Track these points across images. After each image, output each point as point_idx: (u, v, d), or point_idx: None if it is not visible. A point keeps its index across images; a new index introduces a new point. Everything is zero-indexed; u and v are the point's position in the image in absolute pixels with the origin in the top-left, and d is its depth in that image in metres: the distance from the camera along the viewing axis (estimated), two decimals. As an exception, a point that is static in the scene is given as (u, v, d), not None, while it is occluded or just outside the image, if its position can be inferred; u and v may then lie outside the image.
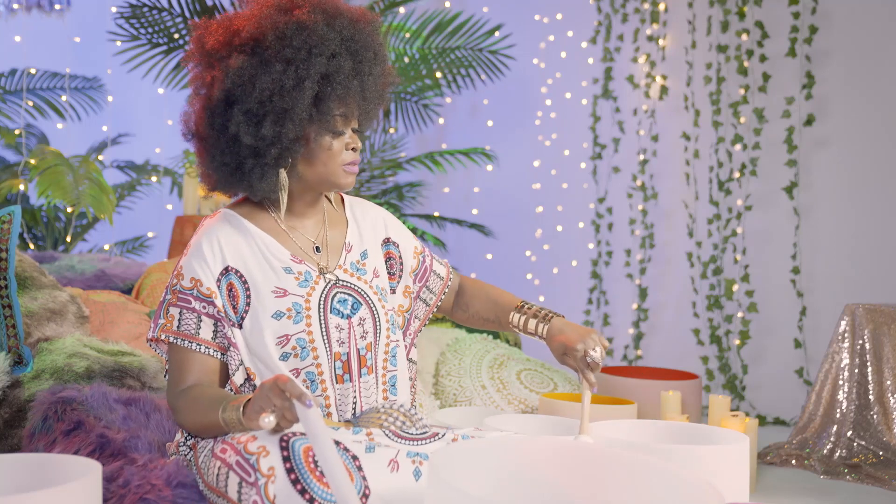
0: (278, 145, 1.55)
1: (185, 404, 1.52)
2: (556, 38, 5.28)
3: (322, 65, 1.53)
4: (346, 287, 1.63)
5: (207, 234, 1.61)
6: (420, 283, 1.80)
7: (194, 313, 1.56)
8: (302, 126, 1.55)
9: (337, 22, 1.57)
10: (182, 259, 1.61)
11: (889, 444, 3.08)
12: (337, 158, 1.60)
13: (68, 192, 3.43)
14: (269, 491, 1.30)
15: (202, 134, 1.60)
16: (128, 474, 1.47)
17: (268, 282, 1.58)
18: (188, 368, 1.56)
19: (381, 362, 1.64)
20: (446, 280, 1.84)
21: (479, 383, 2.94)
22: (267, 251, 1.60)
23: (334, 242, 1.69)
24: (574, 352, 1.66)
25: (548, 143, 5.32)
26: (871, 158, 4.11)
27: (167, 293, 1.59)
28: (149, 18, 4.18)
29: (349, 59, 1.57)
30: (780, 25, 4.28)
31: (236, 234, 1.61)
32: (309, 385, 1.57)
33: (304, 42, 1.53)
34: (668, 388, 2.93)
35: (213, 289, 1.57)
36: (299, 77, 1.52)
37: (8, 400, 2.12)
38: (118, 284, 3.35)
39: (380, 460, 1.41)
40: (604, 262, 5.02)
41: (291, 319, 1.56)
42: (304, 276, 1.60)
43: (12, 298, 2.24)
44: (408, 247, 1.79)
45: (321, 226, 1.69)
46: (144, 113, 6.16)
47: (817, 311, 4.19)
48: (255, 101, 1.52)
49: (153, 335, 1.58)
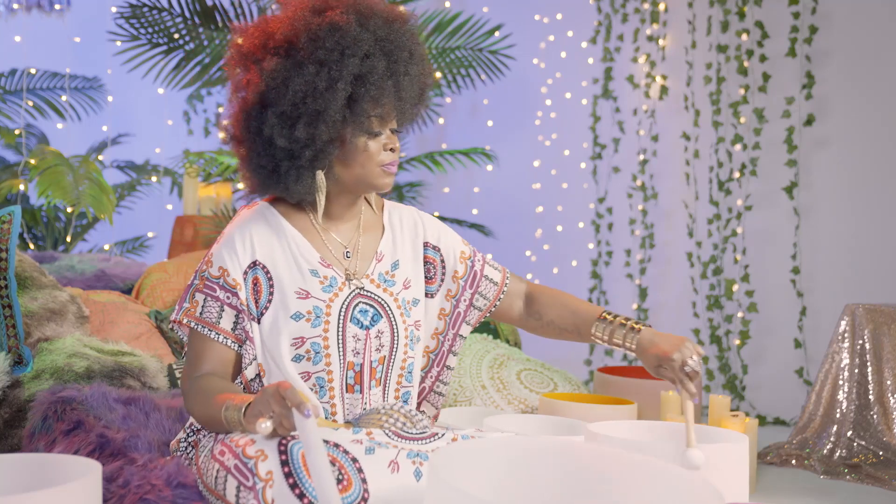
0: (312, 147, 1.54)
1: (194, 392, 1.53)
2: (556, 38, 5.28)
3: (355, 66, 1.53)
4: (370, 298, 1.63)
5: (241, 227, 1.62)
6: (472, 290, 1.77)
7: (218, 302, 1.57)
8: (336, 127, 1.55)
9: (371, 22, 1.56)
10: (214, 246, 1.62)
11: (889, 444, 3.08)
12: (374, 159, 1.59)
13: (68, 192, 3.43)
14: (267, 495, 1.30)
15: (240, 137, 1.60)
16: (127, 474, 1.47)
17: (293, 281, 1.58)
18: (205, 356, 1.57)
19: (396, 377, 1.64)
20: (501, 285, 1.80)
21: (479, 383, 2.94)
22: (297, 251, 1.61)
23: (366, 249, 1.68)
24: (671, 362, 1.61)
25: (548, 143, 5.32)
26: (871, 158, 4.11)
27: (195, 278, 1.60)
28: (149, 18, 4.18)
29: (383, 59, 1.56)
30: (780, 25, 4.28)
31: (269, 230, 1.62)
32: (318, 391, 1.57)
33: (337, 43, 1.52)
34: (668, 388, 2.93)
35: (238, 280, 1.57)
36: (332, 78, 1.52)
37: (8, 400, 2.12)
38: (118, 284, 3.35)
39: (380, 461, 1.41)
40: (604, 262, 5.02)
41: (310, 322, 1.56)
42: (330, 281, 1.60)
43: (12, 298, 2.25)
44: (453, 251, 1.76)
45: (356, 230, 1.68)
46: (144, 113, 6.16)
47: (817, 311, 4.19)
48: (288, 103, 1.52)
49: (176, 317, 1.59)
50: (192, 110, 6.47)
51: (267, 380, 1.58)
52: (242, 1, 4.34)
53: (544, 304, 1.80)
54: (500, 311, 1.83)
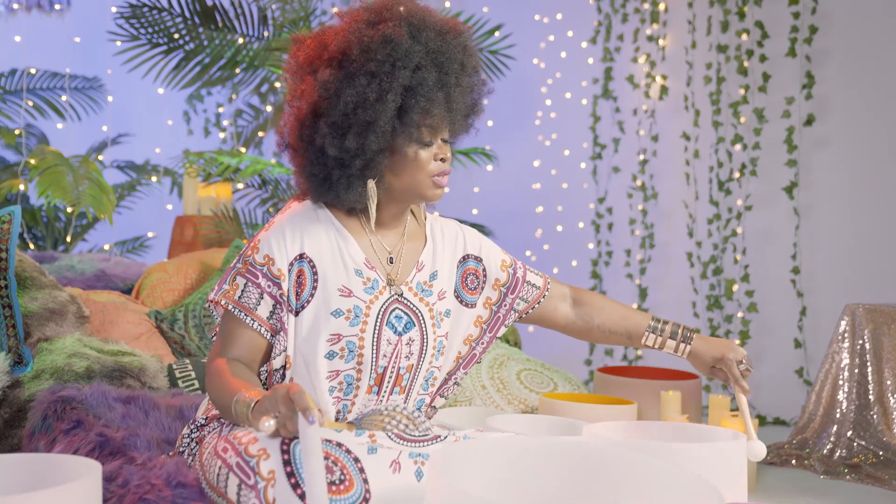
0: (363, 157, 1.57)
1: (217, 373, 1.53)
2: (556, 38, 5.28)
3: (406, 77, 1.55)
4: (406, 306, 1.65)
5: (292, 218, 1.63)
6: (513, 296, 1.82)
7: (258, 289, 1.58)
8: (385, 138, 1.57)
9: (423, 35, 1.58)
10: (262, 233, 1.63)
11: (889, 444, 3.08)
12: (425, 169, 1.61)
13: (68, 192, 3.43)
14: (269, 494, 1.30)
15: (294, 145, 1.62)
16: (127, 474, 1.47)
17: (337, 278, 1.60)
18: (236, 340, 1.58)
19: (419, 386, 1.68)
20: (542, 289, 1.86)
21: (479, 383, 2.94)
22: (345, 249, 1.63)
23: (409, 257, 1.71)
24: (727, 363, 1.80)
25: (548, 143, 5.32)
26: (871, 158, 4.11)
27: (238, 261, 1.61)
28: (149, 18, 4.18)
29: (434, 71, 1.58)
30: (780, 25, 4.28)
31: (320, 225, 1.64)
32: (343, 388, 1.59)
33: (389, 55, 1.55)
34: (668, 388, 2.93)
35: (283, 271, 1.58)
36: (382, 89, 1.54)
37: (8, 400, 2.12)
38: (118, 284, 3.35)
39: (382, 461, 1.42)
40: (604, 262, 5.02)
41: (349, 321, 1.58)
42: (372, 283, 1.62)
43: (12, 298, 2.25)
44: (494, 261, 1.81)
45: (400, 238, 1.71)
46: (144, 113, 6.16)
47: (817, 311, 4.19)
48: (339, 113, 1.55)
49: (214, 298, 1.60)
50: (192, 110, 6.47)
51: (292, 372, 1.60)
52: (242, 1, 4.34)
53: (593, 307, 1.89)
54: (544, 314, 1.88)
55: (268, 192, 4.41)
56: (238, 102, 6.08)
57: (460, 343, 1.77)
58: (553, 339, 3.12)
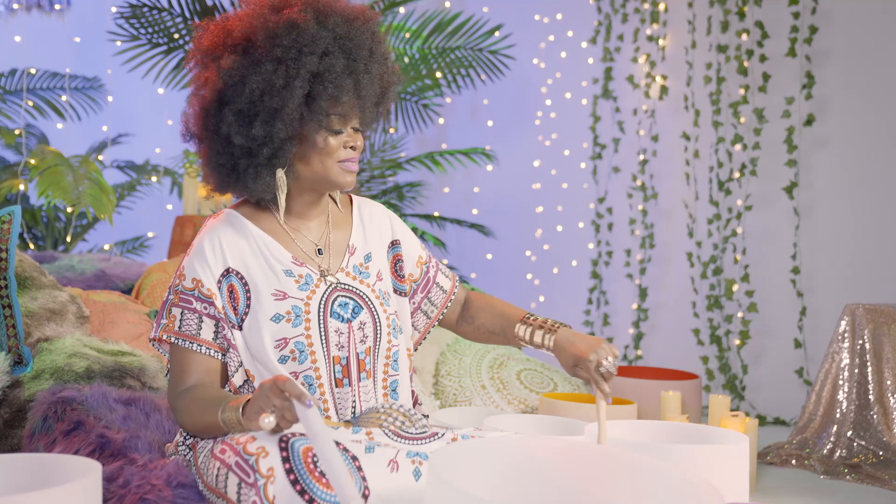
0: (270, 145, 1.54)
1: (185, 405, 1.52)
2: (556, 38, 5.28)
3: (313, 64, 1.52)
4: (348, 290, 1.62)
5: (209, 235, 1.61)
6: (422, 294, 1.79)
7: (195, 314, 1.56)
8: (293, 125, 1.54)
9: (330, 20, 1.56)
10: (185, 259, 1.61)
11: (889, 444, 3.08)
12: (333, 156, 1.58)
13: (68, 192, 3.43)
14: (269, 492, 1.30)
15: (199, 135, 1.60)
16: (127, 474, 1.47)
17: (268, 284, 1.58)
18: (189, 369, 1.56)
19: (382, 367, 1.63)
20: (450, 293, 1.83)
21: (479, 383, 2.94)
22: (268, 253, 1.60)
23: (337, 244, 1.68)
24: (586, 363, 1.64)
25: (548, 143, 5.32)
26: (871, 158, 4.11)
27: (170, 293, 1.59)
28: (149, 18, 4.18)
29: (342, 57, 1.55)
30: (780, 25, 4.28)
31: (238, 236, 1.61)
32: (307, 389, 1.57)
33: (295, 41, 1.52)
34: (668, 388, 2.93)
35: (213, 290, 1.57)
36: (289, 76, 1.52)
37: (8, 400, 2.12)
38: (118, 284, 3.35)
39: (379, 460, 1.41)
40: (604, 262, 5.02)
41: (290, 323, 1.55)
42: (305, 280, 1.60)
43: (12, 298, 2.25)
44: (412, 254, 1.77)
45: (325, 227, 1.68)
46: (144, 113, 6.15)
47: (817, 311, 4.19)
48: (245, 100, 1.52)
49: (155, 335, 1.59)
50: (192, 110, 6.46)
51: (257, 384, 1.57)
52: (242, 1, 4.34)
53: (477, 308, 1.83)
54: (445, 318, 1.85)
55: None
56: (238, 102, 6.07)
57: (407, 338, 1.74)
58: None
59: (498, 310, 1.81)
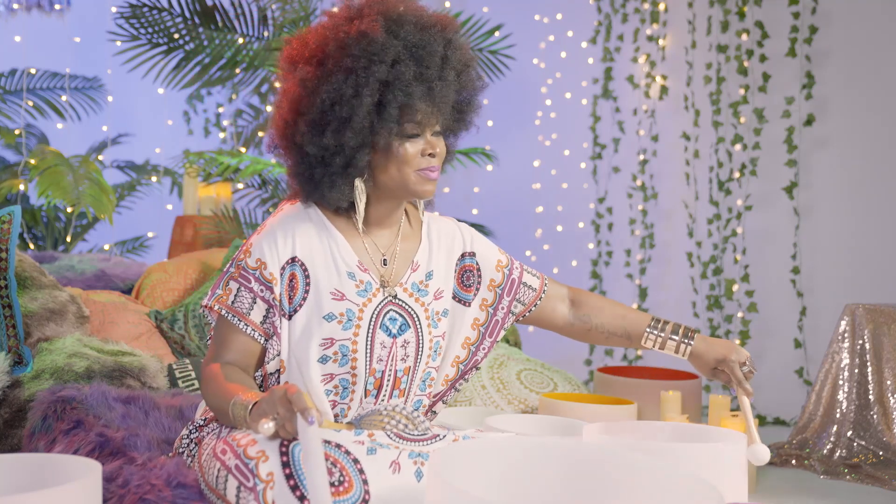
0: (342, 154, 1.56)
1: (211, 378, 1.53)
2: (556, 38, 5.28)
3: (382, 72, 1.54)
4: (401, 307, 1.64)
5: (284, 221, 1.63)
6: (510, 297, 1.80)
7: (251, 293, 1.58)
8: (363, 133, 1.55)
9: (402, 30, 1.57)
10: (254, 236, 1.62)
11: (889, 444, 3.08)
12: (411, 163, 1.59)
13: (68, 192, 3.43)
14: (268, 496, 1.30)
15: (280, 145, 1.63)
16: (127, 474, 1.47)
17: (329, 282, 1.59)
18: (230, 345, 1.58)
19: (415, 388, 1.67)
20: (539, 291, 1.83)
21: (479, 383, 2.94)
22: (337, 252, 1.62)
23: (403, 257, 1.69)
24: (729, 364, 1.76)
25: (548, 143, 5.32)
26: (871, 158, 4.11)
27: (231, 265, 1.61)
28: (149, 18, 4.18)
29: (412, 64, 1.56)
30: (780, 25, 4.28)
31: (312, 228, 1.63)
32: (339, 392, 1.58)
33: (364, 50, 1.54)
34: (668, 388, 2.93)
35: (275, 275, 1.58)
36: (358, 84, 1.53)
37: (8, 400, 2.12)
38: (118, 284, 3.35)
39: (381, 461, 1.41)
40: (604, 262, 5.02)
41: (342, 325, 1.57)
42: (365, 286, 1.61)
43: (12, 298, 2.25)
44: (490, 261, 1.79)
45: (395, 237, 1.70)
46: (144, 113, 6.16)
47: (817, 311, 4.19)
48: (317, 110, 1.55)
49: (208, 303, 1.60)
50: (192, 110, 6.47)
51: (286, 377, 1.59)
52: (242, 1, 4.34)
53: (592, 308, 1.86)
54: (542, 315, 1.86)
55: (268, 192, 4.41)
56: (238, 102, 6.08)
57: (458, 347, 1.75)
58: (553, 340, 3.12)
59: (618, 312, 1.86)
